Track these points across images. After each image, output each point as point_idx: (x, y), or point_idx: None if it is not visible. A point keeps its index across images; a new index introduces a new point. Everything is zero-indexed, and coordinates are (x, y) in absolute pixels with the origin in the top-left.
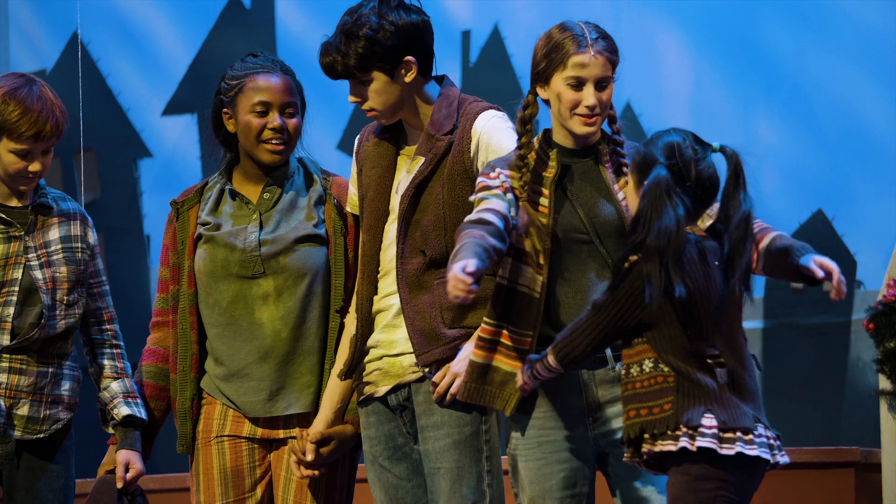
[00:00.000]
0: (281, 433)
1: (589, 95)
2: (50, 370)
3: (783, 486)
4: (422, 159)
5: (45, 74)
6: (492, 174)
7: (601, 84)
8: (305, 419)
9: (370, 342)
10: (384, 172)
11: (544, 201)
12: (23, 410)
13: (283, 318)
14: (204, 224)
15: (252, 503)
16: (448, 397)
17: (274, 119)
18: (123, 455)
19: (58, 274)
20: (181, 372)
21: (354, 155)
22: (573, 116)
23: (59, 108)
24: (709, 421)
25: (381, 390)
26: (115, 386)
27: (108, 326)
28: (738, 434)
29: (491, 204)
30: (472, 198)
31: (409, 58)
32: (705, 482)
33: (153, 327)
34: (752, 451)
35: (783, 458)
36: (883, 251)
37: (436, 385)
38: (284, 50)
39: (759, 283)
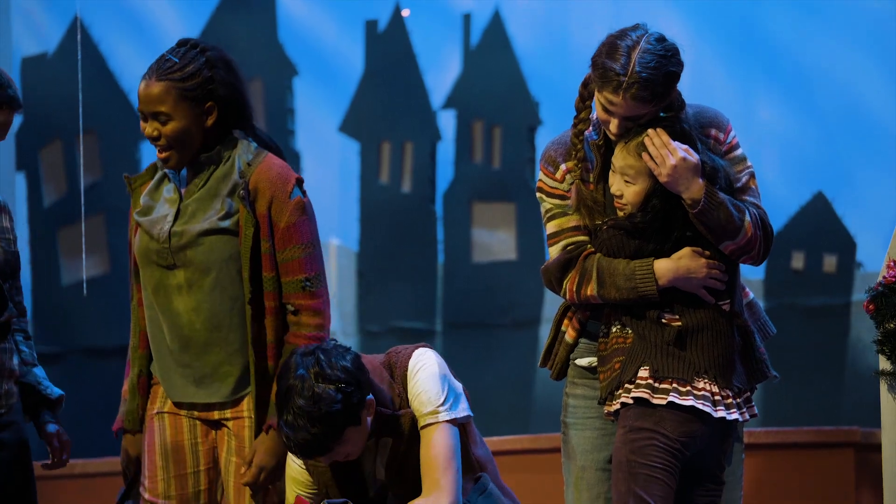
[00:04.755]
0: (216, 414)
1: (615, 125)
2: (7, 346)
3: (783, 465)
4: (389, 440)
5: (46, 57)
6: (557, 174)
7: (631, 118)
8: (237, 402)
9: None
10: (351, 469)
11: (591, 177)
12: None
13: (195, 309)
14: (140, 206)
15: (194, 481)
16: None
17: (146, 127)
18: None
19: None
20: (132, 347)
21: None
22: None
23: None
24: (644, 372)
25: None
26: (38, 371)
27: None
28: (674, 385)
29: (574, 236)
30: (546, 210)
31: (370, 398)
32: (638, 432)
33: None
34: (686, 402)
35: (732, 416)
36: (883, 232)
37: None
38: (286, 33)
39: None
